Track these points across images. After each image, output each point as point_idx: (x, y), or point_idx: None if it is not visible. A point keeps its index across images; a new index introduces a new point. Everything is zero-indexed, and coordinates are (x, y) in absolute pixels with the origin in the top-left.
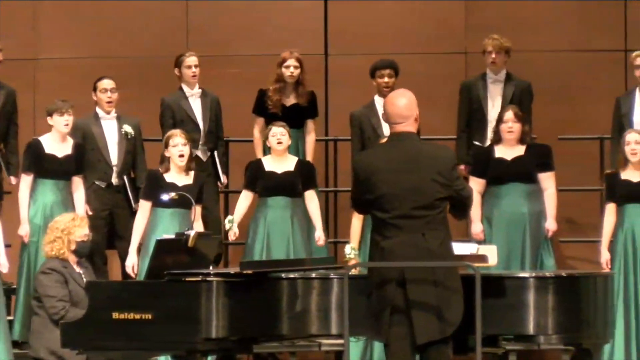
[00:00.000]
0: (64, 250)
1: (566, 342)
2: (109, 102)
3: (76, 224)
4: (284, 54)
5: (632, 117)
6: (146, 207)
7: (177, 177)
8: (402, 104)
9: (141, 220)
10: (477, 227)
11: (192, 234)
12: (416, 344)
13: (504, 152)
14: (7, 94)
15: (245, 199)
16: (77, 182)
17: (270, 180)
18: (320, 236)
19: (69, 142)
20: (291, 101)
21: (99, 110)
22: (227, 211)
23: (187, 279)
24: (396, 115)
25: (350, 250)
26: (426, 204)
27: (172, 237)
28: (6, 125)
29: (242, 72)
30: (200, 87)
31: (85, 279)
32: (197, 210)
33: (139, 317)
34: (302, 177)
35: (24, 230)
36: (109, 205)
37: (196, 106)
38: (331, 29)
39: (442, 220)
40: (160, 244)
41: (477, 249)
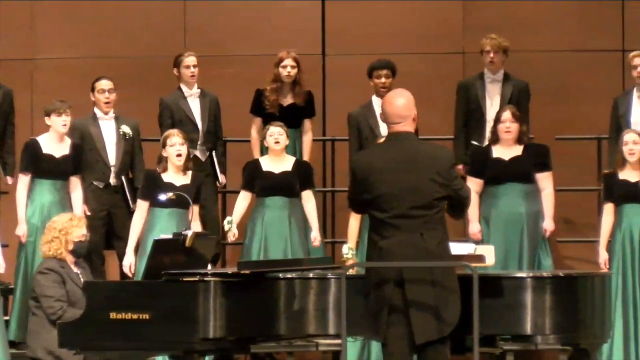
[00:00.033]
0: (62, 250)
1: (564, 342)
2: (107, 102)
3: (74, 224)
4: (281, 53)
5: (629, 118)
6: (144, 206)
7: (174, 177)
8: (400, 103)
9: (138, 220)
10: (474, 227)
11: (189, 234)
12: (414, 343)
13: (501, 152)
14: (4, 94)
15: (243, 199)
16: (75, 182)
17: (267, 180)
18: (316, 237)
19: (67, 142)
20: (288, 101)
21: (97, 110)
22: (225, 211)
23: (184, 279)
24: (394, 115)
25: (347, 250)
26: (424, 204)
27: (170, 237)
28: (3, 125)
29: (240, 72)
30: (199, 87)
31: (82, 279)
32: (195, 210)
33: (136, 317)
34: (300, 177)
35: (22, 230)
36: (107, 205)
37: (195, 106)
38: (329, 29)
39: (440, 219)
40: (157, 243)
41: (475, 249)
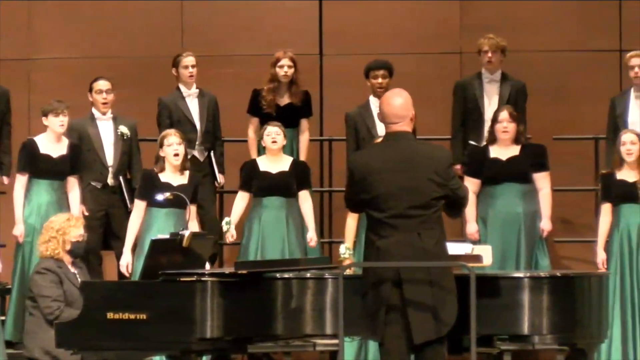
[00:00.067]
0: (59, 250)
1: (561, 342)
2: (104, 103)
3: (71, 224)
4: (277, 53)
5: (626, 118)
6: (141, 206)
7: (172, 176)
8: (398, 103)
9: (136, 219)
10: (472, 227)
11: (186, 234)
12: (412, 343)
13: (498, 152)
14: (0, 94)
15: (241, 199)
16: (72, 182)
17: (265, 180)
18: (312, 237)
19: (64, 143)
20: (285, 101)
21: (94, 111)
22: (222, 211)
23: (181, 279)
24: (392, 115)
25: (344, 250)
26: (422, 204)
27: (167, 237)
28: None
29: (237, 72)
30: (197, 87)
31: (79, 279)
32: (192, 210)
33: (133, 317)
34: (297, 177)
35: (19, 230)
36: (105, 205)
37: (193, 106)
38: (326, 29)
39: (437, 219)
40: (154, 243)
41: (472, 249)
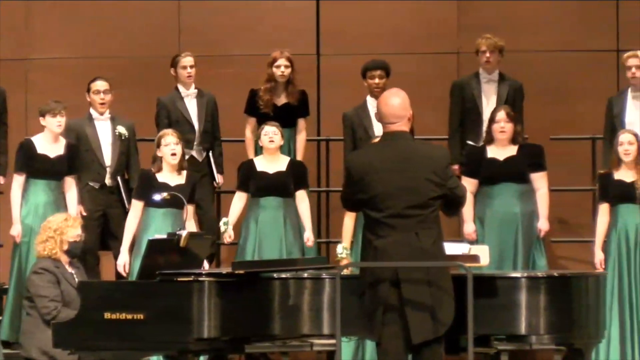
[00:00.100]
0: (56, 250)
1: (558, 342)
2: (102, 103)
3: (69, 224)
4: (274, 53)
5: (623, 118)
6: (138, 206)
7: (169, 176)
8: (396, 103)
9: (133, 219)
10: (469, 227)
11: (184, 234)
12: (410, 343)
13: (496, 152)
14: None
15: (239, 200)
16: (70, 183)
17: (262, 180)
18: (309, 237)
19: (62, 143)
20: (282, 101)
21: (92, 111)
22: (220, 211)
23: (178, 279)
24: (390, 115)
25: (342, 249)
26: (420, 203)
27: (164, 237)
28: None
29: (234, 72)
30: (196, 88)
31: (77, 279)
32: (190, 209)
33: (130, 317)
34: (294, 177)
35: (16, 230)
36: (103, 206)
37: (191, 106)
38: (323, 29)
39: (435, 219)
40: (152, 243)
41: (469, 249)
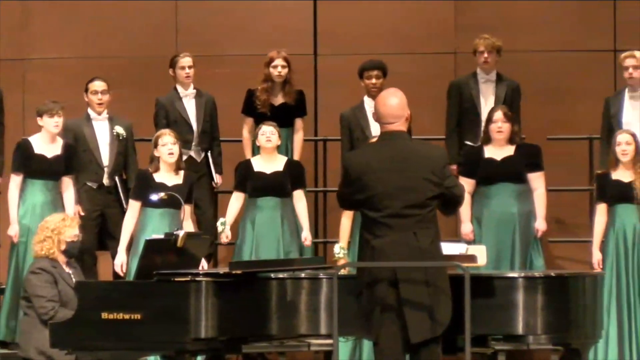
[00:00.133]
0: (54, 250)
1: (555, 342)
2: (100, 103)
3: (66, 224)
4: (271, 53)
5: (621, 118)
6: (136, 206)
7: (166, 176)
8: (394, 103)
9: (130, 219)
10: (466, 227)
11: (181, 234)
12: (407, 342)
13: (493, 152)
14: None
15: (236, 200)
16: (67, 183)
17: (259, 180)
18: (306, 237)
19: (59, 143)
20: (279, 100)
21: (90, 111)
22: (217, 211)
23: (176, 279)
24: (388, 115)
25: (339, 249)
26: (418, 203)
27: (161, 237)
28: None
29: (231, 72)
30: (195, 88)
31: (74, 279)
32: (187, 209)
33: (128, 317)
34: (291, 177)
35: (13, 230)
36: (101, 206)
37: (190, 107)
38: (320, 29)
39: (432, 218)
40: (149, 244)
41: (467, 249)
